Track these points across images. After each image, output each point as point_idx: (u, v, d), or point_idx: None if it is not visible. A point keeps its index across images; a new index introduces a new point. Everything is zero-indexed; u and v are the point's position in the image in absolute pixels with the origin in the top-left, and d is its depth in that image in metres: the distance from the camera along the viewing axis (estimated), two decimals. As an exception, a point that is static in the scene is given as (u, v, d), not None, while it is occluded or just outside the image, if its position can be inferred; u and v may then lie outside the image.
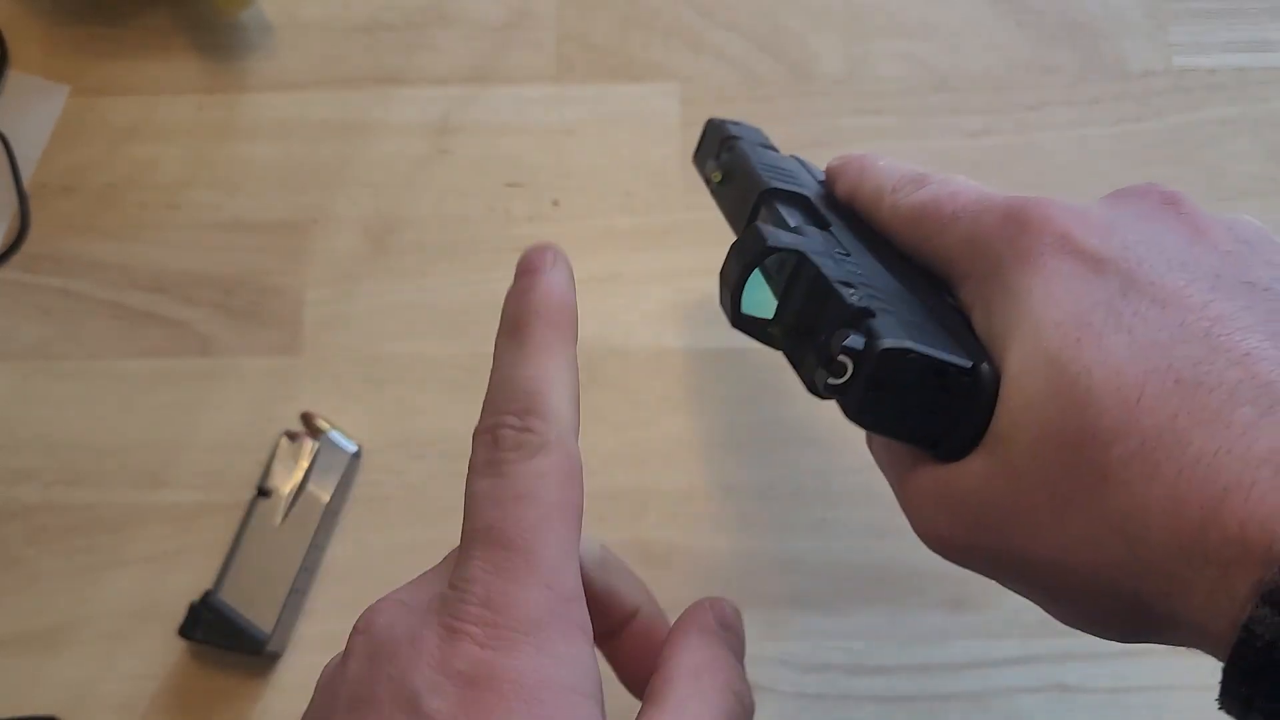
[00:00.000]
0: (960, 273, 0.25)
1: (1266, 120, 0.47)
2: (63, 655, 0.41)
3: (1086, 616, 0.22)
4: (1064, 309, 0.21)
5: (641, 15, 0.48)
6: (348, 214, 0.46)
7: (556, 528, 0.21)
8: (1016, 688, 0.40)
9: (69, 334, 0.44)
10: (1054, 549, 0.21)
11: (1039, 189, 0.46)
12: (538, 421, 0.22)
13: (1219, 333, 0.20)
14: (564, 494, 0.21)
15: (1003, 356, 0.22)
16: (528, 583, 0.20)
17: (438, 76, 0.47)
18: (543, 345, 0.24)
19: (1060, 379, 0.20)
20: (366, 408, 0.43)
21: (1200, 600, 0.19)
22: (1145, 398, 0.19)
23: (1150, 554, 0.19)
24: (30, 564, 0.42)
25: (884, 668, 0.41)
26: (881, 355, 0.22)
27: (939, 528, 0.23)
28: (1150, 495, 0.19)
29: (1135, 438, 0.19)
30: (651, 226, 0.45)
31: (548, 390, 0.23)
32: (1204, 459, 0.19)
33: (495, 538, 0.21)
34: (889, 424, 0.23)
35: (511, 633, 0.19)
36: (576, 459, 0.22)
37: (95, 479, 0.43)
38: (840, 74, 0.47)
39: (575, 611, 0.20)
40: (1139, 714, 0.40)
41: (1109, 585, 0.20)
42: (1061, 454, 0.20)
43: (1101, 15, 0.48)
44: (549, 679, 0.19)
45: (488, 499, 0.22)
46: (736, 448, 0.43)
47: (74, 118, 0.47)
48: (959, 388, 0.22)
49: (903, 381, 0.22)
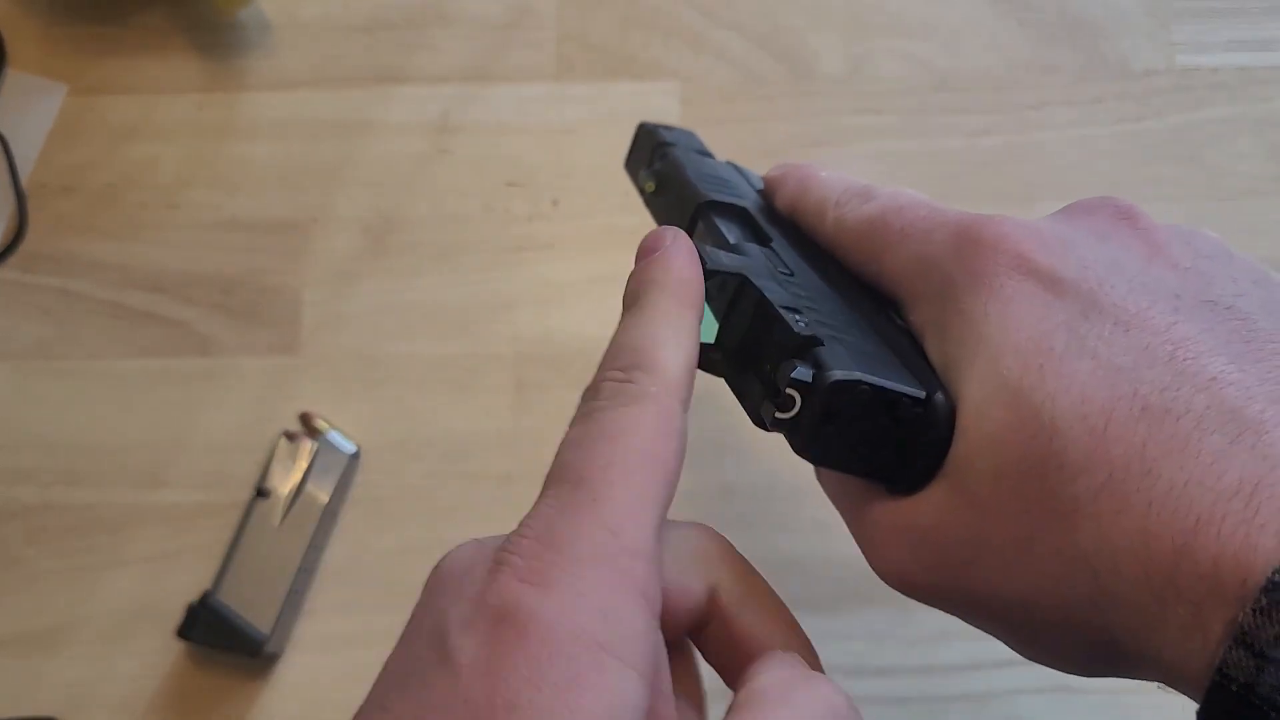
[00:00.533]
0: (910, 293, 0.24)
1: (1268, 119, 0.46)
2: (61, 656, 0.41)
3: (1055, 653, 0.21)
4: (1023, 333, 0.20)
5: (641, 14, 0.48)
6: (347, 213, 0.46)
7: (635, 474, 0.19)
8: (1018, 689, 0.40)
9: (68, 334, 0.44)
10: (1020, 586, 0.20)
11: (1040, 189, 0.46)
12: (641, 374, 0.21)
13: (1183, 356, 0.19)
14: (653, 445, 0.19)
15: (959, 384, 0.21)
16: (587, 519, 0.18)
17: (437, 75, 0.47)
18: (658, 310, 0.22)
19: (1023, 409, 0.20)
20: (365, 408, 0.43)
21: (1173, 639, 0.18)
22: (1112, 425, 0.19)
23: (1120, 589, 0.19)
24: (29, 564, 0.42)
25: (885, 669, 0.41)
26: (831, 388, 0.21)
27: (900, 565, 0.22)
28: (1119, 529, 0.18)
29: (1103, 469, 0.19)
30: (651, 226, 0.45)
31: (657, 348, 0.21)
32: (1174, 491, 0.18)
33: (568, 474, 0.19)
34: (839, 458, 0.22)
35: (554, 568, 0.18)
36: (678, 418, 0.20)
37: (94, 479, 0.43)
38: (841, 73, 0.47)
39: (636, 568, 0.18)
40: (1141, 715, 0.40)
41: (1078, 622, 0.20)
42: (1026, 486, 0.20)
43: (1103, 14, 0.48)
44: (582, 632, 0.17)
45: (573, 442, 0.20)
46: (736, 448, 0.43)
47: (72, 117, 0.47)
48: (912, 419, 0.21)
49: (853, 414, 0.21)
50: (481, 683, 0.17)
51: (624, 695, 0.17)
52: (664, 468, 0.20)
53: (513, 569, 0.18)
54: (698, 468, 0.43)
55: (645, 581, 0.18)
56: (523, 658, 0.17)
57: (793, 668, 0.21)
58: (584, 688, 0.17)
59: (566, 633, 0.17)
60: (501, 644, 0.17)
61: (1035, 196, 0.46)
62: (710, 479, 0.43)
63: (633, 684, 0.17)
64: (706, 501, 0.42)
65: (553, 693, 0.16)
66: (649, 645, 0.18)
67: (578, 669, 0.17)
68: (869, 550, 0.23)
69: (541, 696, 0.16)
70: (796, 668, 0.21)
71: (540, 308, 0.44)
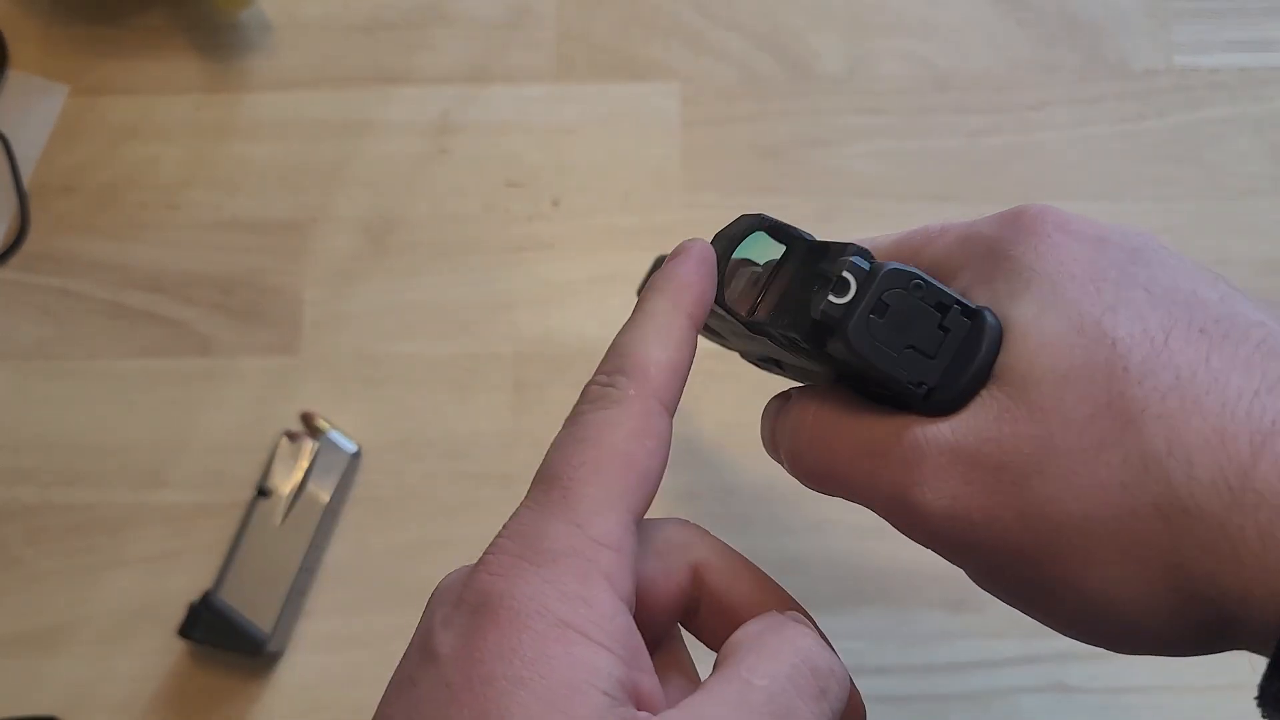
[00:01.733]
0: (953, 268, 0.24)
1: (1268, 119, 0.46)
2: (62, 655, 0.41)
3: (1109, 599, 0.19)
4: (1078, 265, 0.21)
5: (642, 14, 0.48)
6: (347, 213, 0.46)
7: (606, 473, 0.20)
8: (1017, 688, 0.40)
9: (68, 334, 0.44)
10: (1086, 499, 0.19)
11: (1041, 188, 0.46)
12: (622, 378, 0.21)
13: (1237, 308, 0.20)
14: (627, 445, 0.20)
15: (1010, 311, 0.21)
16: (557, 516, 0.19)
17: (437, 76, 0.47)
18: (650, 313, 0.23)
19: (1082, 319, 0.20)
20: (366, 407, 0.43)
21: (1251, 552, 0.17)
22: (1173, 339, 0.19)
23: (1194, 495, 0.18)
24: (29, 564, 0.42)
25: (885, 668, 0.41)
26: (888, 274, 0.21)
27: (951, 493, 0.20)
28: (1191, 430, 0.18)
29: (1169, 372, 0.19)
30: (651, 225, 0.45)
31: (641, 351, 0.22)
32: (1245, 395, 0.18)
33: (545, 475, 0.20)
34: (883, 360, 0.22)
35: (525, 562, 0.19)
36: (656, 419, 0.21)
37: (94, 479, 0.43)
38: (841, 73, 0.47)
39: (602, 557, 0.19)
40: (1139, 714, 0.40)
41: (1144, 543, 0.18)
42: (1092, 389, 0.19)
43: (1103, 14, 0.48)
44: (548, 611, 0.18)
45: (555, 445, 0.21)
46: (736, 448, 0.43)
47: (74, 117, 0.47)
48: (959, 328, 0.21)
49: (904, 311, 0.22)
50: (460, 666, 0.18)
51: (593, 669, 0.18)
52: (637, 467, 0.20)
53: (487, 566, 0.19)
54: (699, 468, 0.43)
55: (612, 570, 0.19)
56: (495, 637, 0.18)
57: (769, 619, 0.21)
58: (552, 659, 0.18)
59: (534, 612, 0.18)
60: (476, 630, 0.18)
61: (1035, 196, 0.45)
62: (711, 479, 0.43)
63: (602, 659, 0.18)
64: (707, 501, 0.42)
65: (523, 664, 0.17)
66: (619, 627, 0.19)
67: (546, 643, 0.18)
68: (913, 487, 0.21)
69: (513, 669, 0.17)
70: (773, 618, 0.21)
71: (540, 308, 0.44)
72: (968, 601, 0.41)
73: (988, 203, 0.45)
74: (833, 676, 0.20)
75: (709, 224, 0.50)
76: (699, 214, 0.45)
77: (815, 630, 0.22)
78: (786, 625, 0.21)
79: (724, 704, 0.19)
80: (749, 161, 0.46)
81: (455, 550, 0.42)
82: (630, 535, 0.20)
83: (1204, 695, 0.40)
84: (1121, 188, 0.46)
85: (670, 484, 0.42)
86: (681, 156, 0.46)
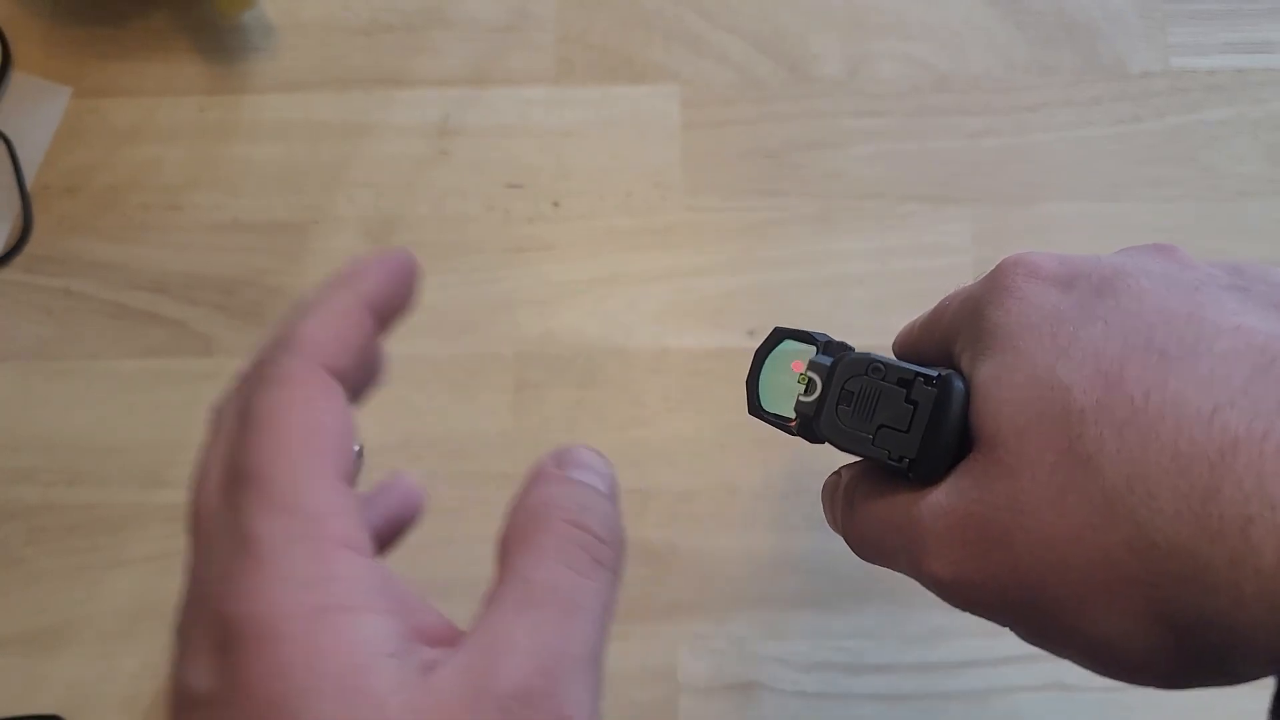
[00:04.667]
0: (955, 334, 0.24)
1: (1265, 121, 0.47)
2: (64, 654, 0.41)
3: (1108, 640, 0.19)
4: (1037, 315, 0.21)
5: (641, 16, 0.48)
6: (348, 215, 0.46)
7: (295, 451, 0.19)
8: (1016, 686, 0.41)
9: (71, 334, 0.44)
10: (1059, 547, 0.19)
11: (1038, 189, 0.46)
12: (281, 353, 0.20)
13: (1206, 316, 0.19)
14: (305, 417, 0.19)
15: (977, 371, 0.22)
16: (262, 513, 0.18)
17: (438, 78, 0.48)
18: (317, 298, 0.21)
19: (1035, 369, 0.20)
20: (367, 408, 0.43)
21: (1223, 581, 0.17)
22: (1129, 369, 0.19)
23: (1161, 528, 0.17)
24: (31, 564, 0.42)
25: (884, 666, 0.41)
26: (844, 365, 0.24)
27: (954, 561, 0.21)
28: (1149, 460, 0.18)
29: (1123, 407, 0.18)
30: (651, 227, 0.46)
31: (299, 326, 0.21)
32: (1203, 416, 0.17)
33: (235, 473, 0.19)
34: (858, 443, 0.23)
35: (249, 576, 0.17)
36: (319, 380, 0.20)
37: (96, 479, 0.43)
38: (840, 75, 0.47)
39: (330, 527, 0.18)
40: (1137, 712, 0.40)
41: (1125, 582, 0.18)
42: (1050, 438, 0.19)
43: (1100, 16, 0.48)
44: (296, 609, 0.17)
45: (231, 439, 0.20)
46: (736, 448, 0.43)
47: (76, 119, 0.47)
48: (926, 399, 0.22)
49: (869, 395, 0.23)
50: (238, 704, 0.16)
51: (370, 640, 0.17)
52: (324, 432, 0.19)
53: (210, 597, 0.18)
54: (699, 467, 0.43)
55: (343, 533, 0.18)
56: (258, 666, 0.16)
57: (526, 495, 0.21)
58: (325, 653, 0.17)
59: (281, 618, 0.17)
60: (237, 666, 0.17)
61: (1034, 197, 0.46)
62: (711, 479, 0.43)
63: (373, 624, 0.17)
64: (707, 501, 0.43)
65: (300, 674, 0.16)
66: (374, 583, 0.18)
67: (311, 641, 0.17)
68: (923, 558, 0.22)
69: (292, 683, 0.16)
70: (530, 492, 0.21)
71: (541, 308, 0.44)
72: (966, 601, 0.41)
73: (986, 204, 0.46)
74: (603, 538, 0.20)
75: (709, 225, 0.50)
76: (699, 216, 0.46)
77: (566, 476, 0.21)
78: (542, 495, 0.20)
79: (510, 612, 0.18)
80: (749, 163, 0.46)
81: (456, 549, 0.42)
82: (344, 494, 0.19)
83: (1201, 694, 0.40)
84: (1118, 189, 0.46)
85: (671, 483, 0.43)
86: (681, 158, 0.46)
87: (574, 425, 0.42)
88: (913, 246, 0.45)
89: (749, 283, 0.45)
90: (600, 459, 0.22)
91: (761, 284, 0.45)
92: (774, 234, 0.45)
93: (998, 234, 0.45)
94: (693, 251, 0.45)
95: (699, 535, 0.42)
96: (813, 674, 0.41)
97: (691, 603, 0.42)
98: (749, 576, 0.42)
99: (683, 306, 0.45)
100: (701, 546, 0.42)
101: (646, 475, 0.43)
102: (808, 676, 0.41)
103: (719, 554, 0.42)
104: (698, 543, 0.42)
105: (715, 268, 0.45)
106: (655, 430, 0.43)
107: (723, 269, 0.45)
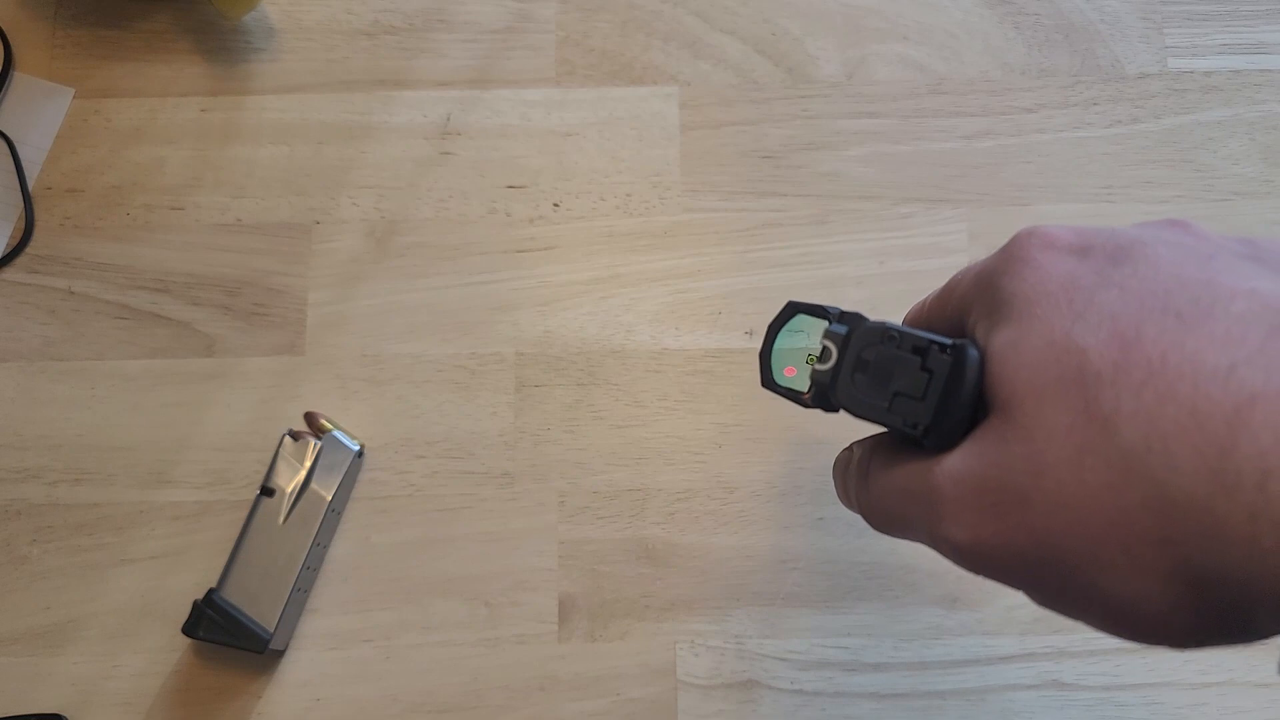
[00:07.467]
0: (968, 307, 0.24)
1: (1261, 122, 0.47)
2: (68, 653, 0.41)
3: (1128, 601, 0.19)
4: (1054, 283, 0.21)
5: (641, 19, 0.48)
6: (350, 215, 0.46)
7: None
8: (1013, 684, 0.41)
9: (74, 334, 0.44)
10: (1078, 508, 0.19)
11: (1036, 190, 0.46)
12: None
13: (1221, 281, 0.19)
14: None
15: (993, 339, 0.22)
16: None
17: (439, 79, 0.48)
18: None
19: (1052, 334, 0.20)
20: (369, 407, 0.44)
21: (1242, 536, 0.17)
22: (1145, 332, 0.19)
23: (1179, 485, 0.18)
24: (36, 562, 0.42)
25: (881, 664, 0.41)
26: (860, 334, 0.24)
27: (972, 524, 0.21)
28: (1167, 418, 0.18)
29: (1140, 368, 0.18)
30: (651, 228, 0.46)
31: None
32: (1220, 373, 0.17)
33: None
34: (874, 411, 0.24)
35: None
36: None
37: (100, 478, 0.43)
38: (838, 77, 0.48)
39: None
40: (1134, 710, 0.40)
41: (1143, 542, 0.18)
42: (1067, 400, 0.19)
43: (1097, 19, 0.48)
44: None
45: None
46: (736, 448, 0.43)
47: (79, 120, 0.47)
48: (941, 366, 0.22)
49: (884, 363, 0.23)
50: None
51: None
52: None
53: None
54: (699, 467, 0.43)
55: None
56: None
57: None
58: None
59: None
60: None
61: (1031, 199, 0.46)
62: (710, 478, 0.43)
63: None
64: (706, 500, 0.43)
65: None
66: None
67: None
68: (940, 523, 0.22)
69: None
70: None
71: (541, 309, 0.45)
72: (963, 599, 0.42)
73: (983, 205, 0.46)
74: None
75: (708, 226, 0.50)
76: (698, 216, 0.46)
77: None
78: None
79: None
80: (747, 164, 0.47)
81: (457, 548, 0.42)
82: None
83: (1197, 692, 0.40)
84: (1115, 190, 0.46)
85: (669, 482, 0.43)
86: (680, 159, 0.46)
87: (574, 425, 0.43)
88: (910, 247, 0.45)
89: (747, 283, 0.45)
90: None
91: (760, 284, 0.45)
92: (772, 235, 0.45)
93: (995, 235, 0.45)
94: (692, 252, 0.45)
95: (697, 534, 0.42)
96: (811, 672, 0.41)
97: (690, 601, 0.42)
98: (747, 575, 0.42)
99: (682, 307, 0.45)
100: (700, 545, 0.42)
101: (645, 474, 0.43)
102: (806, 674, 0.41)
103: (717, 552, 0.42)
104: (696, 541, 0.42)
105: (714, 268, 0.45)
106: (654, 430, 0.43)
107: (721, 270, 0.45)
